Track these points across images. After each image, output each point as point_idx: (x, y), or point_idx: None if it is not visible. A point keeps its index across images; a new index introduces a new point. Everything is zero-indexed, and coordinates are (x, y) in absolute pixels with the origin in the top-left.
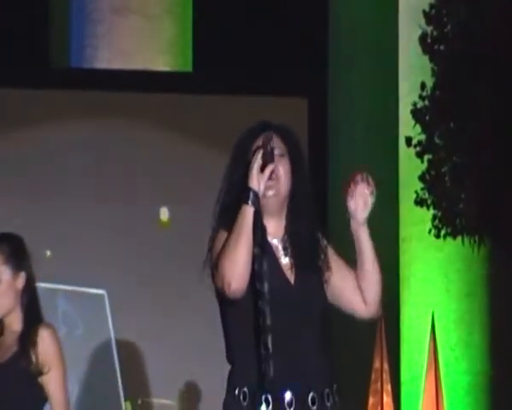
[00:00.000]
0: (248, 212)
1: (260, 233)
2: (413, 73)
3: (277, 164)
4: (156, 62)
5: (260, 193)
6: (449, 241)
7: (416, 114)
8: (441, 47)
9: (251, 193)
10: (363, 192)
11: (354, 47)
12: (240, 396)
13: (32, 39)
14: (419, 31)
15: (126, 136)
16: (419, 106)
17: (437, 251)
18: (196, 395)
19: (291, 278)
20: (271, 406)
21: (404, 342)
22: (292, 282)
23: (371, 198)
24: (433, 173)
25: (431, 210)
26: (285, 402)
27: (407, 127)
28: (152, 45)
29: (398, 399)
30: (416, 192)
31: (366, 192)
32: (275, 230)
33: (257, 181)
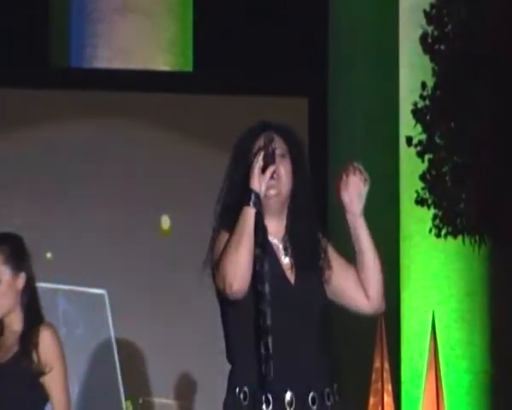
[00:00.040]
0: (250, 213)
1: (261, 234)
2: (414, 73)
3: (278, 164)
4: (156, 62)
5: (262, 194)
6: (449, 240)
7: (417, 114)
8: (442, 47)
9: (252, 194)
10: (356, 183)
11: (354, 47)
12: (240, 396)
13: (32, 39)
14: (419, 30)
15: (126, 136)
16: (420, 106)
17: (437, 251)
18: (196, 395)
19: (291, 278)
20: (272, 405)
21: (405, 341)
22: (292, 282)
23: (365, 188)
24: (434, 173)
25: (431, 210)
26: (285, 402)
27: (408, 127)
28: (152, 45)
29: (398, 398)
30: (417, 192)
31: (359, 182)
32: (275, 229)
33: (258, 182)
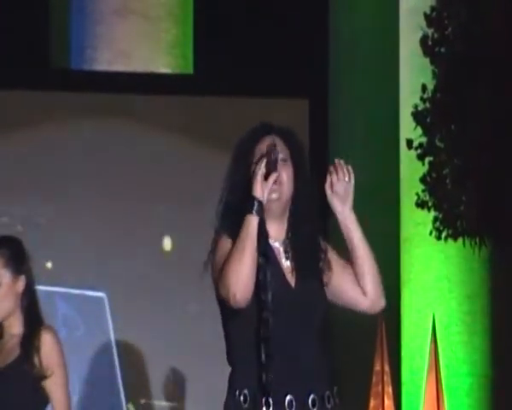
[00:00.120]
0: (253, 222)
1: (264, 242)
2: (414, 75)
3: (280, 169)
4: (157, 64)
5: (264, 202)
6: (450, 243)
7: (417, 117)
8: (442, 49)
9: (255, 202)
10: (340, 180)
11: (355, 48)
12: (240, 398)
13: (33, 40)
14: (420, 33)
15: (126, 137)
16: (420, 108)
17: (438, 253)
18: (196, 397)
19: (291, 281)
20: (272, 408)
21: (405, 344)
22: (292, 285)
23: (350, 183)
24: (434, 175)
25: (432, 212)
26: (285, 404)
27: (408, 129)
28: (152, 47)
29: (399, 401)
30: (417, 194)
31: (343, 179)
32: (276, 233)
33: (261, 190)
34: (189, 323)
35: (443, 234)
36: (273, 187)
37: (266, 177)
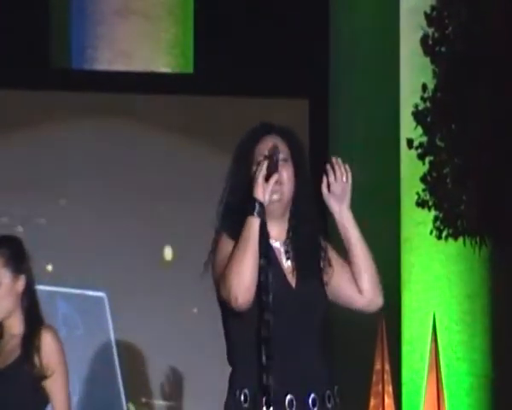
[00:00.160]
0: (254, 223)
1: (266, 244)
2: (414, 75)
3: (281, 169)
4: (157, 64)
5: (266, 203)
6: (450, 242)
7: (418, 116)
8: (442, 49)
9: (256, 204)
10: (338, 180)
11: (355, 48)
12: (240, 398)
13: (33, 40)
14: (420, 32)
15: (127, 137)
16: (420, 108)
17: (438, 252)
18: (196, 397)
19: (292, 282)
20: (272, 408)
21: (406, 343)
22: (293, 285)
23: (348, 182)
24: (435, 175)
25: (432, 211)
26: (285, 404)
27: (408, 129)
28: (153, 47)
29: (399, 400)
30: (418, 193)
31: (341, 179)
32: (277, 233)
33: (262, 191)
34: (189, 322)
35: (443, 233)
36: (274, 188)
37: (267, 178)
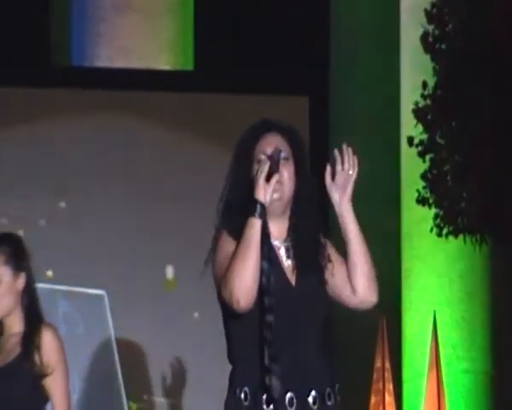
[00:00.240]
0: (256, 225)
1: (267, 246)
2: (414, 72)
3: (281, 168)
4: (157, 61)
5: (267, 204)
6: (450, 240)
7: (418, 114)
8: (443, 46)
9: (258, 205)
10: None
11: (355, 46)
12: (241, 396)
13: (33, 37)
14: (420, 29)
15: (127, 134)
16: (421, 105)
17: (439, 250)
18: (196, 395)
19: (292, 280)
20: (272, 405)
21: (406, 341)
22: (293, 284)
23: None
24: (435, 172)
25: (433, 209)
26: (286, 402)
27: (409, 126)
28: (153, 44)
29: (399, 398)
30: (418, 191)
31: (348, 171)
32: (277, 232)
33: (263, 192)
34: (189, 320)
35: (444, 231)
36: (275, 187)
37: (268, 178)
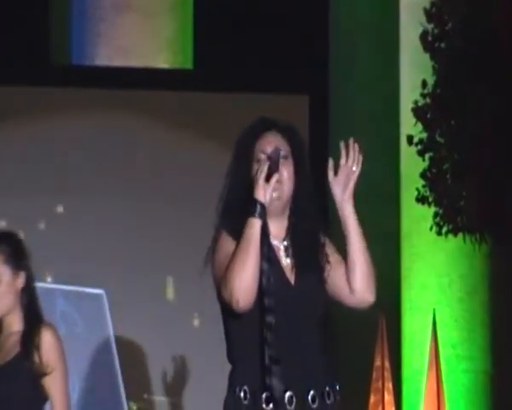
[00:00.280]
0: (256, 225)
1: (267, 246)
2: (414, 71)
3: (281, 167)
4: (157, 60)
5: (267, 204)
6: (450, 238)
7: (417, 112)
8: (442, 45)
9: (258, 205)
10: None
11: (355, 45)
12: (240, 395)
13: (33, 37)
14: (420, 28)
15: (127, 133)
16: (420, 104)
17: (438, 248)
18: (196, 394)
19: (291, 279)
20: (272, 404)
21: (406, 339)
22: (292, 283)
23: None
24: (435, 171)
25: (432, 207)
26: (285, 401)
27: (408, 125)
28: (152, 43)
29: (399, 397)
30: (418, 189)
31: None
32: (277, 231)
33: (263, 192)
34: (190, 321)
35: (443, 229)
36: (274, 186)
37: (268, 178)
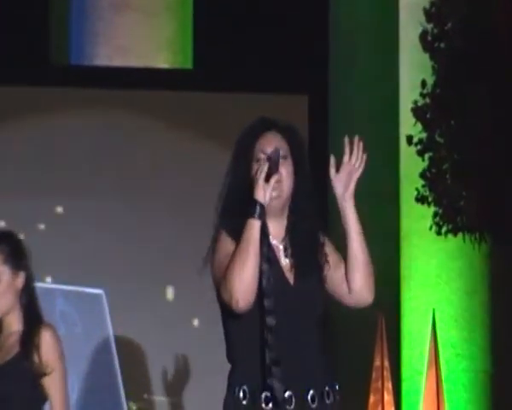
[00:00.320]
0: (255, 226)
1: (267, 247)
2: (413, 71)
3: (280, 167)
4: (156, 59)
5: (266, 204)
6: (450, 238)
7: (417, 112)
8: (442, 45)
9: (257, 206)
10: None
11: (354, 44)
12: (239, 395)
13: (32, 36)
14: (419, 28)
15: (126, 133)
16: (420, 104)
17: (438, 248)
18: (196, 394)
19: (290, 279)
20: (271, 404)
21: (405, 339)
22: (291, 283)
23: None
24: (434, 171)
25: (432, 207)
26: (285, 400)
27: (408, 125)
28: (152, 42)
29: (398, 397)
30: (417, 189)
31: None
32: (276, 230)
33: (263, 192)
34: (189, 321)
35: (443, 229)
36: (273, 185)
37: (267, 178)
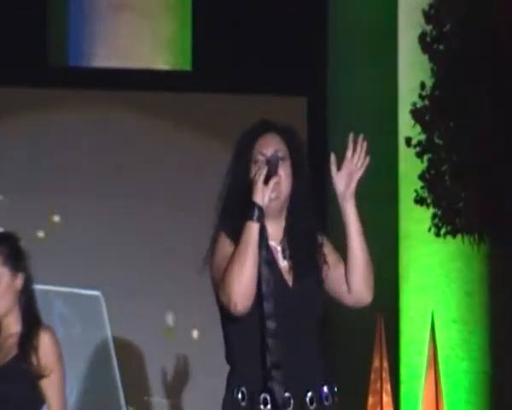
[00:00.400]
0: (254, 229)
1: (266, 250)
2: (412, 73)
3: (279, 169)
4: (155, 61)
5: (265, 207)
6: (449, 239)
7: (416, 114)
8: (440, 46)
9: (256, 209)
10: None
11: (353, 46)
12: (238, 396)
13: (31, 37)
14: (418, 30)
15: (125, 134)
16: (419, 106)
17: (437, 250)
18: (194, 395)
19: (289, 281)
20: (269, 405)
21: (404, 341)
22: (290, 284)
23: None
24: (433, 172)
25: (431, 209)
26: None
27: (407, 127)
28: (151, 44)
29: (397, 398)
30: (416, 191)
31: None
32: (274, 232)
33: (261, 195)
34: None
35: (442, 231)
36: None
37: (266, 180)
